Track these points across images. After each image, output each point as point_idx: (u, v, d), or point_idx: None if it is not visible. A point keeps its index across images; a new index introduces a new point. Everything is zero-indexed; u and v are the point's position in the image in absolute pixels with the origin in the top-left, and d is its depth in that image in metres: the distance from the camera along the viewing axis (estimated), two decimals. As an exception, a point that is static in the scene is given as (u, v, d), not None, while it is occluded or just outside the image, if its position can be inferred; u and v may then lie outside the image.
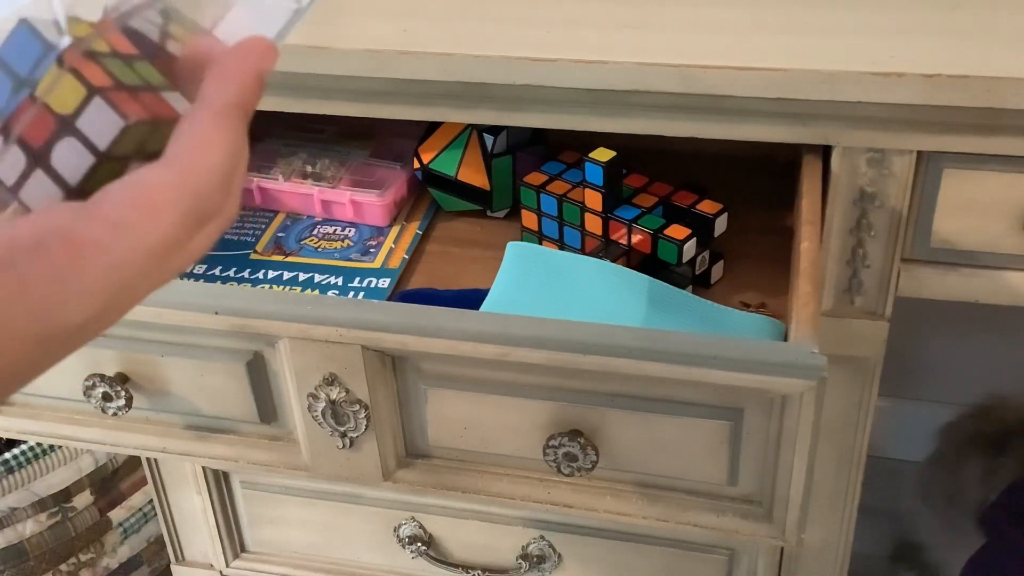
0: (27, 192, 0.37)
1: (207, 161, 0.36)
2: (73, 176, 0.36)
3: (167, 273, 0.37)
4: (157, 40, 0.39)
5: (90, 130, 0.36)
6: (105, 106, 0.36)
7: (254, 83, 0.38)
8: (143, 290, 0.36)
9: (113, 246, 0.33)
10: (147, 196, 0.34)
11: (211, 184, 0.36)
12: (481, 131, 0.93)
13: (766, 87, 0.74)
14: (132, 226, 0.34)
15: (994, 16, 0.79)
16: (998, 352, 1.53)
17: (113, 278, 0.34)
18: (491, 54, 0.78)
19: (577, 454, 0.71)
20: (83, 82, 0.36)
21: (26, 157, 0.36)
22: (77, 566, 1.39)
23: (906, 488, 1.50)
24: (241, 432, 0.81)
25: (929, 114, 0.74)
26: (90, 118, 0.36)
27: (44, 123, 0.36)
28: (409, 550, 1.05)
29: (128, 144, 0.37)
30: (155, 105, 0.38)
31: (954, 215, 0.80)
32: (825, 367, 0.63)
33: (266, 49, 0.38)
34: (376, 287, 0.89)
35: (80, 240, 0.33)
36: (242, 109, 0.37)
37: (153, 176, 0.35)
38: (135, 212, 0.34)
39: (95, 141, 0.36)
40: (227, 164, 0.36)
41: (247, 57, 0.38)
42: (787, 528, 0.71)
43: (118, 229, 0.33)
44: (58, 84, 0.36)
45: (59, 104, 0.36)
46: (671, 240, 0.83)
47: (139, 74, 0.38)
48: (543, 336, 0.67)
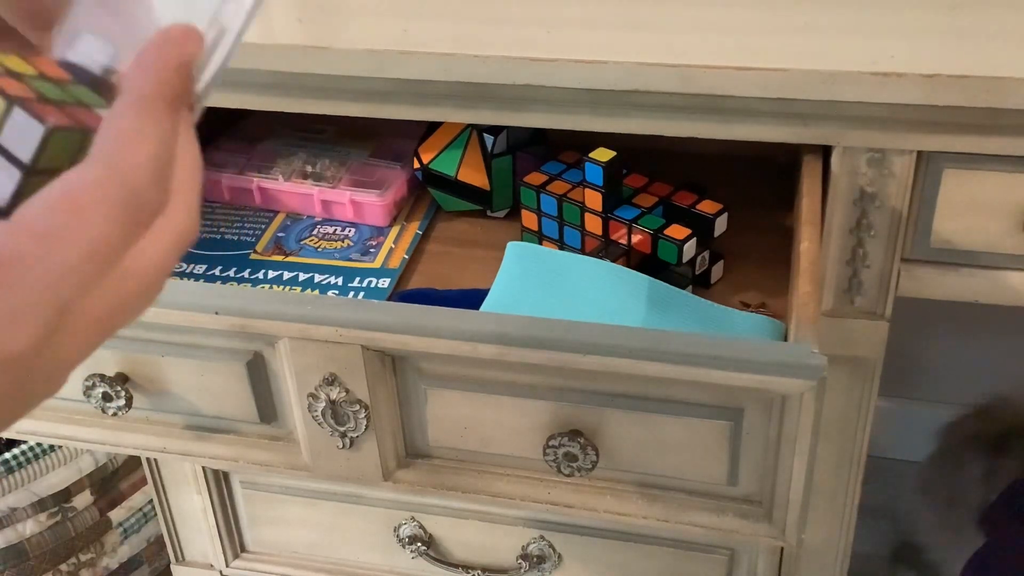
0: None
1: (134, 153, 0.33)
2: (2, 197, 0.34)
3: (122, 289, 0.33)
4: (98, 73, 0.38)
5: (12, 143, 0.34)
6: (26, 116, 0.34)
7: (176, 70, 0.36)
8: (95, 306, 0.33)
9: (43, 258, 0.30)
10: (72, 199, 0.31)
11: (142, 177, 0.33)
12: (481, 131, 0.93)
13: (766, 87, 0.74)
14: (59, 232, 0.31)
15: (994, 16, 0.79)
16: (998, 352, 1.53)
17: (49, 293, 0.31)
18: (491, 54, 0.78)
19: (577, 454, 0.71)
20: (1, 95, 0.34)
21: None
22: (77, 566, 1.39)
23: (906, 488, 1.50)
24: (241, 432, 0.81)
25: (929, 114, 0.74)
26: (11, 131, 0.34)
27: None
28: (409, 550, 1.05)
29: (56, 155, 0.34)
30: (84, 117, 0.36)
31: (954, 215, 0.80)
32: (825, 367, 0.63)
33: (185, 35, 0.36)
34: (376, 287, 0.89)
35: (5, 258, 0.30)
36: (166, 99, 0.35)
37: (76, 176, 0.32)
38: (60, 217, 0.31)
39: (19, 155, 0.34)
40: (156, 155, 0.34)
41: (164, 45, 0.36)
42: (787, 528, 0.71)
43: (46, 239, 0.31)
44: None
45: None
46: (671, 240, 0.83)
47: (70, 93, 0.36)
48: (543, 336, 0.67)
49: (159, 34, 0.36)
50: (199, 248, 0.95)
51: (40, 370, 0.32)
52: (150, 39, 0.36)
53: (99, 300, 0.33)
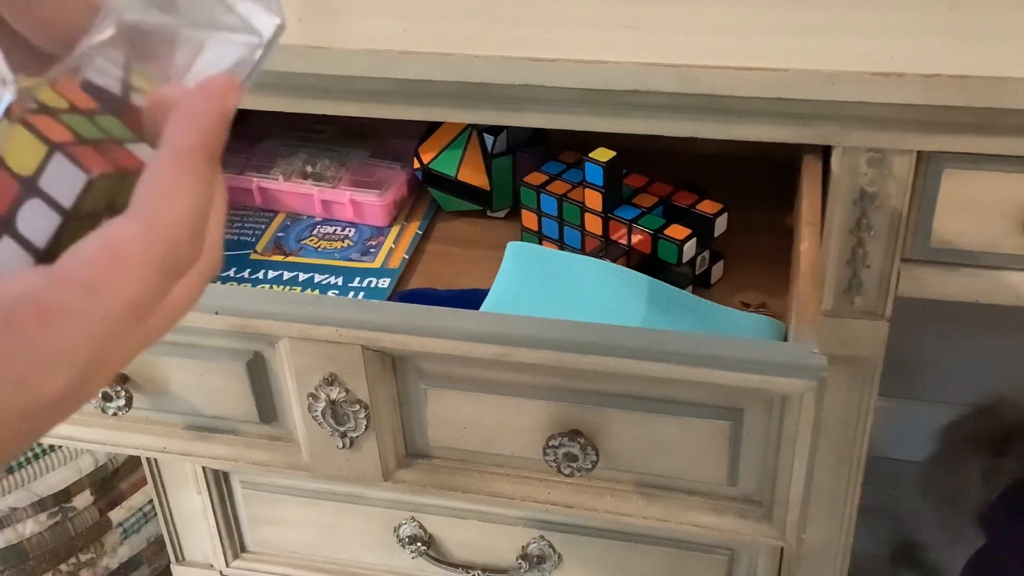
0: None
1: (174, 208, 0.34)
2: (41, 239, 0.34)
3: (150, 333, 0.35)
4: (119, 93, 0.38)
5: (54, 189, 0.34)
6: (67, 162, 0.34)
7: (217, 123, 0.36)
8: (124, 353, 0.34)
9: (84, 309, 0.32)
10: (115, 253, 0.32)
11: (181, 232, 0.34)
12: (481, 131, 0.93)
13: (766, 87, 0.74)
14: (102, 286, 0.32)
15: (994, 16, 0.79)
16: (998, 352, 1.53)
17: (89, 343, 0.32)
18: (491, 54, 0.78)
19: (577, 454, 0.71)
20: (41, 139, 0.34)
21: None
22: (77, 566, 1.39)
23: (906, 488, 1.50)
24: (241, 432, 0.81)
25: (929, 114, 0.74)
26: (52, 176, 0.34)
27: (6, 187, 0.34)
28: (409, 550, 1.05)
29: (95, 200, 0.35)
30: (120, 157, 0.36)
31: (954, 215, 0.80)
32: (825, 367, 0.63)
33: (228, 87, 0.37)
34: (376, 287, 0.89)
35: (49, 307, 0.31)
36: (207, 151, 0.35)
37: (118, 230, 0.33)
38: (103, 271, 0.32)
39: (60, 200, 0.34)
40: (196, 209, 0.34)
41: (208, 96, 0.36)
42: (787, 528, 0.71)
43: (88, 291, 0.32)
44: (11, 141, 0.34)
45: (18, 164, 0.34)
46: (671, 240, 0.83)
47: (101, 128, 0.36)
48: (543, 336, 0.67)
49: (202, 85, 0.37)
50: (199, 248, 0.95)
51: (69, 408, 0.33)
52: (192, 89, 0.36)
53: (130, 344, 0.34)
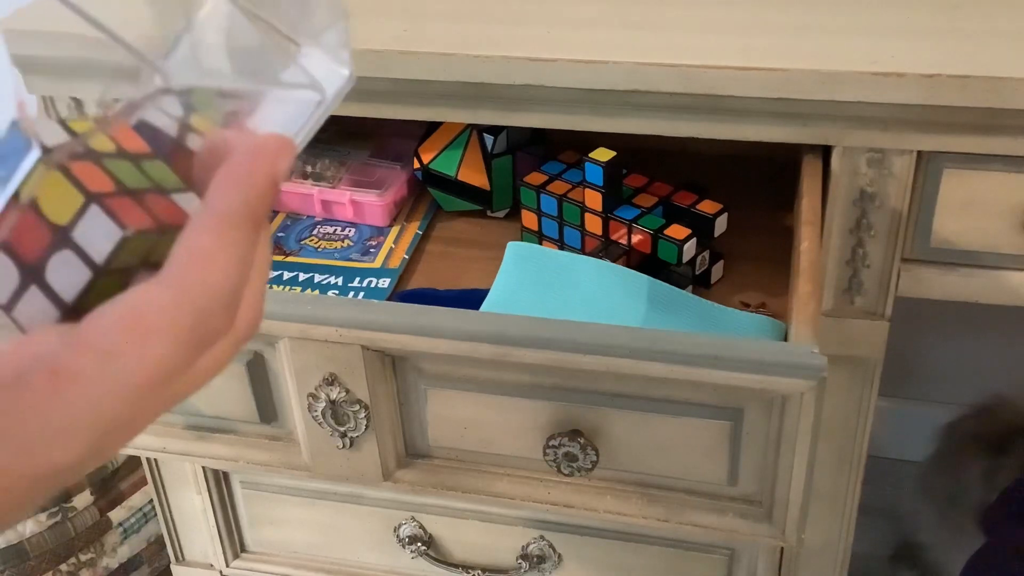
0: (21, 310, 0.33)
1: (208, 277, 0.32)
2: (69, 292, 0.33)
3: (168, 401, 0.33)
4: (176, 135, 0.36)
5: (87, 242, 0.32)
6: (102, 215, 0.32)
7: (266, 186, 0.34)
8: (142, 420, 0.32)
9: (102, 378, 0.30)
10: (139, 320, 0.31)
11: (213, 303, 0.32)
12: (481, 131, 0.93)
13: (766, 87, 0.74)
14: (123, 355, 0.30)
15: (994, 16, 0.79)
16: (998, 352, 1.53)
17: (103, 413, 0.30)
18: (491, 54, 0.78)
19: (577, 454, 0.71)
20: (79, 188, 0.32)
21: (19, 272, 0.33)
22: (77, 566, 1.39)
23: (906, 488, 1.50)
24: (241, 432, 0.81)
25: (929, 114, 0.74)
26: (86, 229, 0.32)
27: (38, 235, 0.32)
28: (409, 550, 1.05)
29: (129, 256, 0.33)
30: (162, 210, 0.34)
31: (954, 215, 0.80)
32: (825, 367, 0.63)
33: (282, 147, 0.34)
34: (376, 287, 0.89)
35: (65, 372, 0.30)
36: (251, 215, 0.33)
37: (146, 297, 0.31)
38: (126, 338, 0.30)
39: (92, 255, 0.32)
40: (232, 279, 0.32)
41: (259, 157, 0.34)
42: (787, 528, 0.71)
43: (107, 358, 0.30)
44: (47, 187, 0.32)
45: (54, 214, 0.32)
46: (671, 240, 0.83)
47: (148, 175, 0.35)
48: (543, 336, 0.67)
49: (255, 143, 0.34)
50: (199, 248, 0.95)
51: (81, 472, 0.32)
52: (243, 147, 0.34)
53: (148, 412, 0.32)
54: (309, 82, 0.37)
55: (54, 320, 0.33)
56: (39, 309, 0.33)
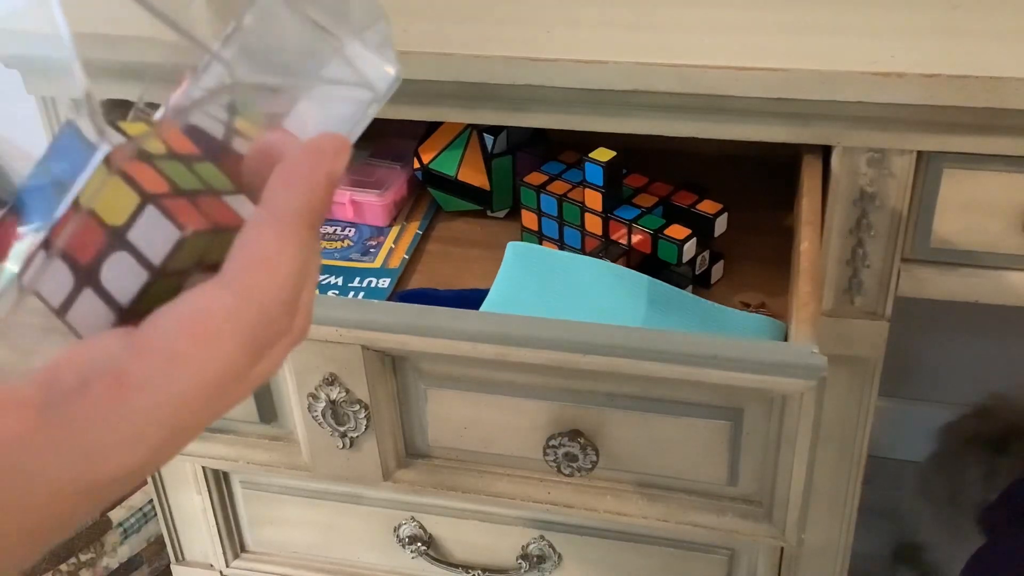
0: (75, 314, 0.33)
1: (271, 280, 0.31)
2: (125, 295, 0.32)
3: (226, 406, 0.32)
4: (222, 137, 0.35)
5: (143, 244, 0.32)
6: (160, 216, 0.31)
7: (325, 186, 0.33)
8: (198, 428, 0.32)
9: (165, 383, 0.29)
10: (203, 324, 0.30)
11: (276, 305, 0.31)
12: (481, 131, 0.93)
13: (766, 87, 0.74)
14: (186, 359, 0.30)
15: (994, 16, 0.79)
16: (998, 352, 1.53)
17: (165, 418, 0.30)
18: (491, 54, 0.78)
19: (577, 454, 0.71)
20: (135, 188, 0.32)
21: (73, 275, 0.32)
22: (77, 566, 1.39)
23: (906, 488, 1.50)
24: (241, 432, 0.81)
25: (929, 114, 0.74)
26: (143, 230, 0.32)
27: (92, 236, 0.32)
28: (409, 550, 1.05)
29: (186, 257, 0.32)
30: (216, 212, 0.33)
31: (954, 215, 0.80)
32: (825, 367, 0.63)
33: (339, 147, 0.34)
34: (376, 287, 0.89)
35: (128, 378, 0.29)
36: (311, 217, 0.32)
37: (209, 300, 0.31)
38: (189, 343, 0.30)
39: (149, 256, 0.32)
40: (293, 281, 0.32)
41: (318, 157, 0.33)
42: (787, 528, 0.71)
43: (171, 363, 0.30)
44: (106, 190, 0.32)
45: (108, 214, 0.32)
46: (671, 240, 0.83)
47: (200, 176, 0.34)
48: (543, 336, 0.67)
49: (312, 143, 0.34)
50: (199, 248, 0.95)
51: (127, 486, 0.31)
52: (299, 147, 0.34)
53: (209, 416, 0.32)
54: (360, 80, 0.37)
55: (109, 324, 0.32)
56: (94, 312, 0.32)
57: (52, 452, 0.28)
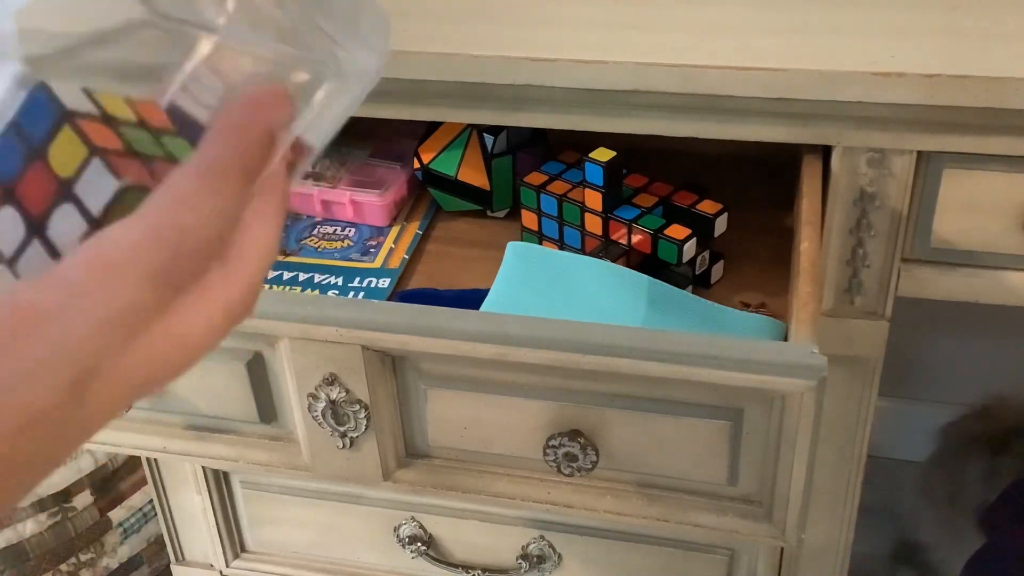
0: (23, 264, 0.33)
1: (181, 219, 0.31)
2: (66, 246, 0.33)
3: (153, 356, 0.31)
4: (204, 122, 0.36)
5: (87, 195, 0.33)
6: (103, 168, 0.33)
7: (258, 137, 0.33)
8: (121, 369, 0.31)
9: (69, 314, 0.29)
10: (107, 254, 0.30)
11: (185, 245, 0.31)
12: (481, 131, 0.93)
13: (766, 87, 0.74)
14: (89, 291, 0.29)
15: (994, 16, 0.79)
16: (998, 352, 1.53)
17: (75, 350, 0.29)
18: (491, 54, 0.78)
19: (577, 454, 0.71)
20: (85, 142, 0.33)
21: (25, 226, 0.33)
22: (77, 566, 1.39)
23: (906, 488, 1.50)
24: (241, 432, 0.81)
25: (929, 114, 0.74)
26: (88, 182, 0.33)
27: (46, 187, 0.33)
28: (409, 550, 1.05)
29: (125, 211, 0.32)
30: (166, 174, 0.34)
31: (954, 215, 0.80)
32: (825, 367, 0.63)
33: (277, 99, 0.34)
34: (376, 287, 0.89)
35: (27, 308, 0.29)
36: (241, 166, 0.32)
37: (117, 232, 0.30)
38: (90, 275, 0.30)
39: (91, 207, 0.33)
40: (209, 226, 0.31)
41: (253, 109, 0.34)
42: (787, 528, 0.71)
43: (72, 294, 0.29)
44: (60, 143, 0.33)
45: (60, 166, 0.33)
46: (671, 240, 0.83)
47: (165, 148, 0.34)
48: (543, 336, 0.67)
49: (247, 97, 0.34)
50: (199, 248, 0.95)
51: (70, 426, 0.30)
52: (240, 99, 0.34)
53: (130, 361, 0.31)
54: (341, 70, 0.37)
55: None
56: (39, 263, 0.33)
57: None
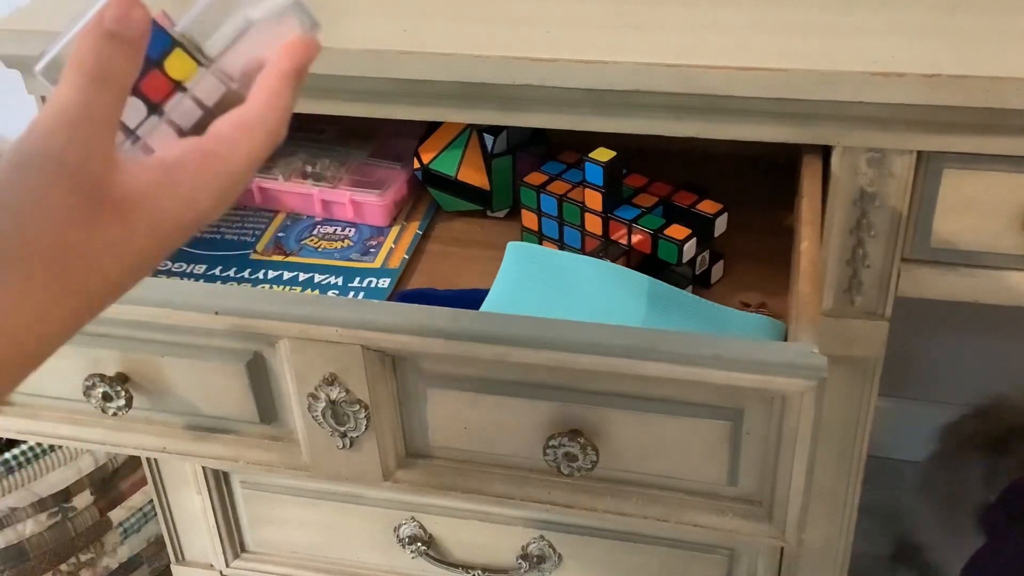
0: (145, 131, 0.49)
1: (280, 102, 0.48)
2: (186, 123, 0.49)
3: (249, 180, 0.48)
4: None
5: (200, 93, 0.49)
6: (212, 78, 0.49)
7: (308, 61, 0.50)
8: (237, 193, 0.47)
9: (227, 155, 0.45)
10: (246, 120, 0.46)
11: (283, 119, 0.48)
12: (481, 131, 0.93)
13: (766, 87, 0.74)
14: (237, 141, 0.46)
15: (994, 16, 0.79)
16: (998, 352, 1.53)
17: (225, 180, 0.45)
18: (491, 54, 0.78)
19: (577, 454, 0.71)
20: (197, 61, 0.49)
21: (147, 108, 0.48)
22: (77, 566, 1.39)
23: (906, 488, 1.50)
24: (241, 432, 0.81)
25: (929, 114, 0.74)
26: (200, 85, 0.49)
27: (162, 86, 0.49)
28: (409, 550, 1.05)
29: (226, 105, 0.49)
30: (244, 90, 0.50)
31: (954, 215, 0.80)
32: (825, 367, 0.63)
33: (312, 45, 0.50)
34: (376, 287, 0.89)
35: (207, 152, 0.45)
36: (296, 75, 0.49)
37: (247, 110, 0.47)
38: (239, 131, 0.46)
39: (204, 101, 0.50)
40: (291, 108, 0.48)
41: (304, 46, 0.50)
42: (787, 528, 0.71)
43: (230, 144, 0.46)
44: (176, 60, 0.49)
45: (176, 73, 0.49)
46: (671, 240, 0.83)
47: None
48: (543, 336, 0.67)
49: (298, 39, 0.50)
50: (199, 248, 0.95)
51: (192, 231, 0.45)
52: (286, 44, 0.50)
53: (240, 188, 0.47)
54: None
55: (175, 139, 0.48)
56: (162, 133, 0.49)
57: (166, 198, 0.43)
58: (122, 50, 0.43)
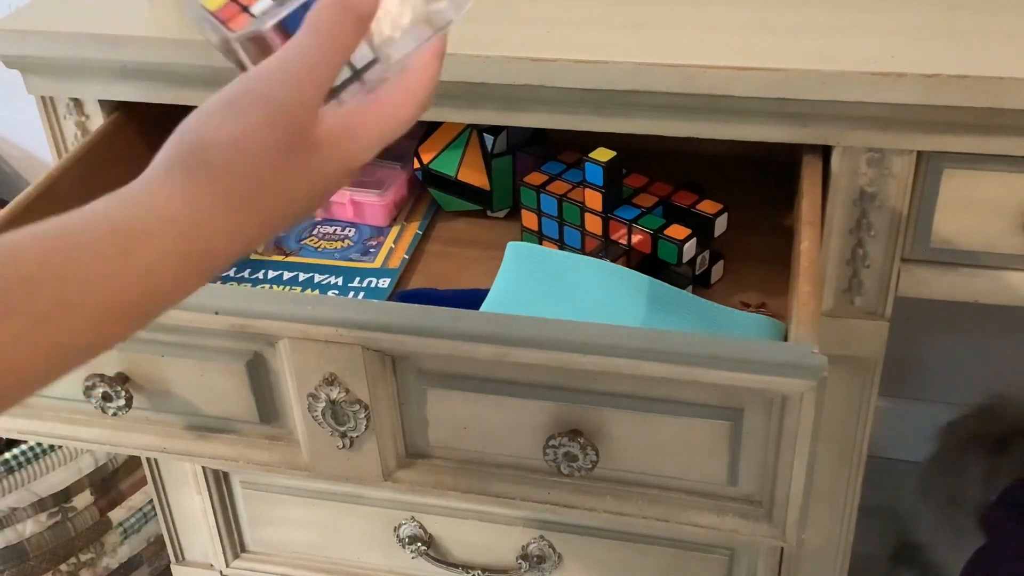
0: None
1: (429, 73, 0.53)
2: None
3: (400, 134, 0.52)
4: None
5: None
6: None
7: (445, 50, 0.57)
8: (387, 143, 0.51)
9: (393, 115, 0.51)
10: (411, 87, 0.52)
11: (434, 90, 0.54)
12: (481, 131, 0.93)
13: (766, 87, 0.74)
14: (404, 104, 0.51)
15: (994, 16, 0.79)
16: (998, 352, 1.53)
17: (389, 134, 0.51)
18: (491, 54, 0.78)
19: (577, 454, 0.71)
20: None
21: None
22: (77, 566, 1.39)
23: (906, 488, 1.50)
24: (241, 432, 0.81)
25: (929, 114, 0.74)
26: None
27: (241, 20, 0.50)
28: (409, 550, 1.05)
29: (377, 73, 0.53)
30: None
31: (954, 215, 0.80)
32: (825, 367, 0.63)
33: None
34: (376, 287, 0.89)
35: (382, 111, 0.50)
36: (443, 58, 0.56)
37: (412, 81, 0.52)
38: (406, 95, 0.52)
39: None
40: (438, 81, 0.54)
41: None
42: (787, 528, 0.71)
43: (396, 105, 0.51)
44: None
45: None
46: (671, 240, 0.83)
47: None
48: (543, 336, 0.67)
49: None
50: (199, 248, 0.95)
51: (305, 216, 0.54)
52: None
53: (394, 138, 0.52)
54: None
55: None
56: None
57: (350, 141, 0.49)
58: (353, 23, 0.48)
